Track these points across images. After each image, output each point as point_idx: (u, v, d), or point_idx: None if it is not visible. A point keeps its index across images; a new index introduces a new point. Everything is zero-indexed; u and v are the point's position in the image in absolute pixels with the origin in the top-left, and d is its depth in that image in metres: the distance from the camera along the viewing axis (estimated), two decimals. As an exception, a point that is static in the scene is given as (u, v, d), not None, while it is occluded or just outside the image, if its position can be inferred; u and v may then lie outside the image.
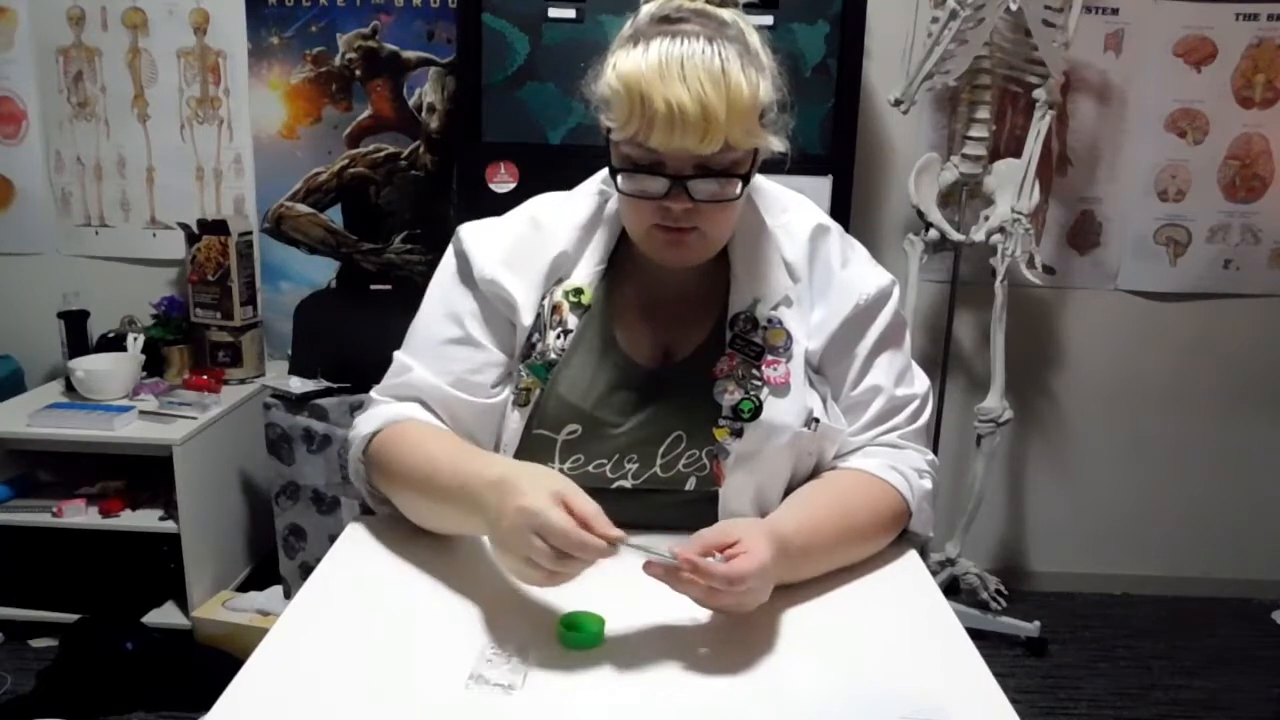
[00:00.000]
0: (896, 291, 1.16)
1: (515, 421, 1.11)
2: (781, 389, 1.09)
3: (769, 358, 1.09)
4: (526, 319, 1.11)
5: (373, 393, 1.18)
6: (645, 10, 1.03)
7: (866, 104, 2.56)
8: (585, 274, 1.13)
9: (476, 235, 1.14)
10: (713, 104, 0.94)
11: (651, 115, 0.95)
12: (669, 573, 0.90)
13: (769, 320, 1.11)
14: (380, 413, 1.13)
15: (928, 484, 1.14)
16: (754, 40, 1.02)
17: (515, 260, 1.12)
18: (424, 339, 1.15)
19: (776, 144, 1.04)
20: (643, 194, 1.01)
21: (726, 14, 1.02)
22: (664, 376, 1.12)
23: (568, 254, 1.13)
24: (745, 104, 0.96)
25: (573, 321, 1.11)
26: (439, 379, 1.11)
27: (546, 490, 0.89)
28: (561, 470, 1.10)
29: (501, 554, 0.93)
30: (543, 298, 1.12)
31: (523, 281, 1.12)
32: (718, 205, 1.01)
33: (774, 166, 1.11)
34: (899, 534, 1.13)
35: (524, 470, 0.96)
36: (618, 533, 0.88)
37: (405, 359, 1.15)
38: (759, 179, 1.16)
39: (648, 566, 0.90)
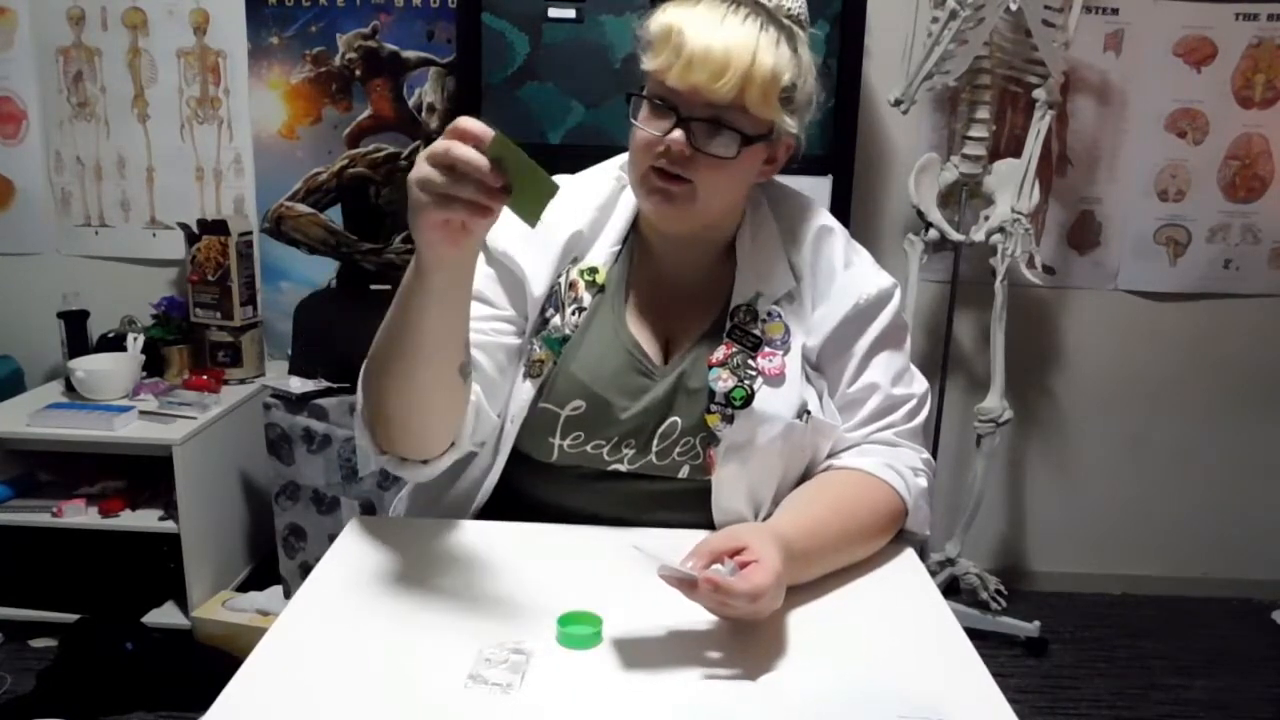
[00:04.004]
0: (898, 295, 1.18)
1: (526, 392, 1.11)
2: (776, 380, 1.10)
3: (765, 349, 1.11)
4: (537, 290, 1.13)
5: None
6: None
7: (866, 104, 2.56)
8: (600, 254, 1.15)
9: None
10: (738, 52, 1.00)
11: (679, 48, 1.01)
12: (683, 583, 0.89)
13: (769, 314, 1.13)
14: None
15: (923, 482, 1.15)
16: (801, 37, 1.07)
17: (529, 237, 1.12)
18: None
19: (790, 124, 1.08)
20: (650, 127, 1.04)
21: (773, 5, 1.06)
22: (665, 367, 1.13)
23: (583, 233, 1.15)
24: (767, 67, 1.01)
25: (587, 300, 1.13)
26: None
27: None
28: (561, 446, 1.11)
29: (410, 216, 0.89)
30: (558, 275, 1.14)
31: (536, 256, 1.14)
32: (712, 162, 1.04)
33: (795, 146, 1.13)
34: (896, 533, 1.13)
35: None
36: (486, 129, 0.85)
37: None
38: (771, 179, 1.17)
39: (663, 575, 0.89)
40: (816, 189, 2.28)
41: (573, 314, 1.13)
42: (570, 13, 2.26)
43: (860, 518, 1.08)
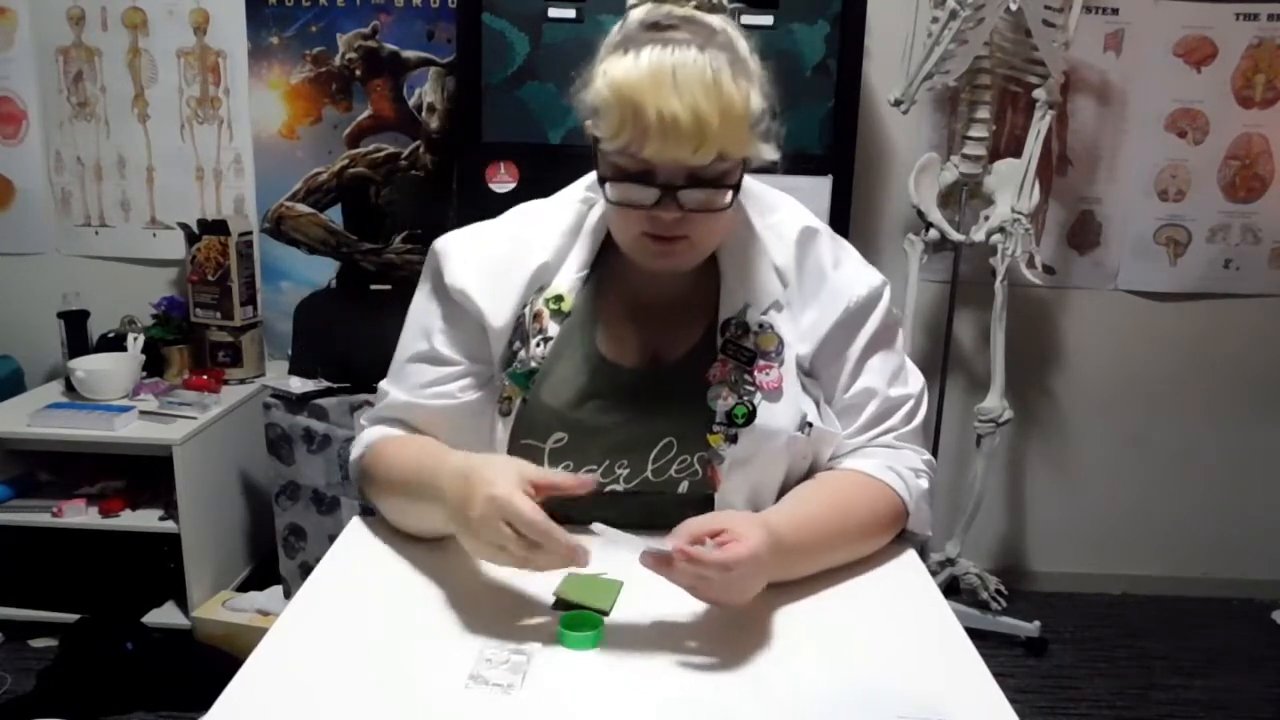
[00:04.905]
0: (887, 292, 1.15)
1: (500, 431, 1.11)
2: (774, 394, 1.08)
3: (761, 363, 1.09)
4: (497, 322, 1.11)
5: (362, 419, 1.21)
6: (634, 16, 1.02)
7: (866, 104, 2.56)
8: (566, 281, 1.12)
9: (450, 247, 1.14)
10: (706, 115, 0.94)
11: (644, 126, 0.94)
12: (659, 562, 0.90)
13: (760, 325, 1.10)
14: (361, 438, 1.17)
15: (924, 483, 1.14)
16: (743, 47, 1.01)
17: (490, 271, 1.12)
18: (397, 358, 1.18)
19: (768, 152, 1.04)
20: (632, 203, 1.01)
21: (715, 21, 1.01)
22: (652, 379, 1.11)
23: (549, 264, 1.13)
24: (738, 114, 0.96)
25: (553, 329, 1.10)
26: (408, 395, 1.14)
27: (514, 477, 0.92)
28: None
29: (470, 540, 0.95)
30: (523, 306, 1.12)
31: (497, 291, 1.11)
32: (708, 214, 1.01)
33: (773, 167, 1.10)
34: (898, 534, 1.13)
35: (487, 459, 0.99)
36: (577, 539, 0.91)
37: (384, 385, 1.19)
38: (747, 180, 1.14)
39: (643, 558, 0.91)
40: (816, 189, 2.28)
41: (538, 345, 1.10)
42: (570, 13, 2.26)
43: (857, 517, 1.08)
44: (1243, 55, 2.72)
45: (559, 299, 1.11)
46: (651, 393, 1.10)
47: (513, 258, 1.13)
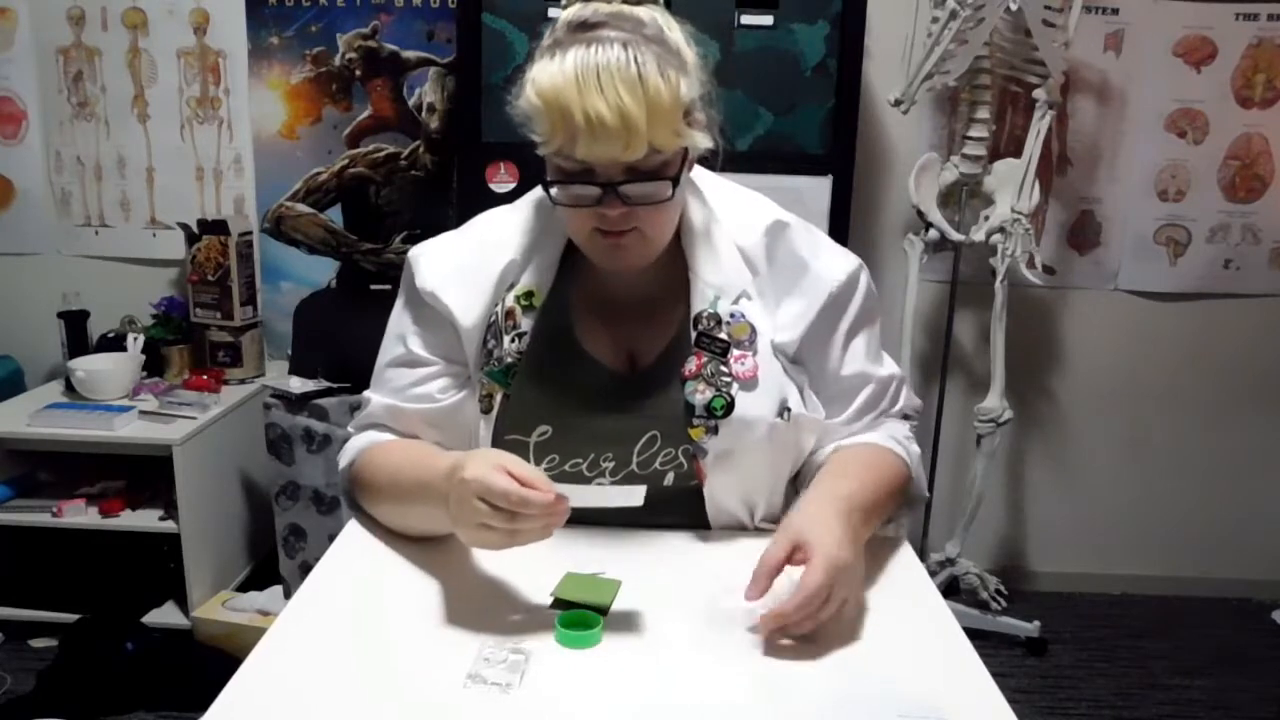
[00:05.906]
0: (865, 273, 1.17)
1: (484, 430, 1.12)
2: (750, 383, 1.09)
3: (735, 352, 1.10)
4: (468, 321, 1.12)
5: (349, 428, 1.23)
6: (563, 17, 1.03)
7: (866, 104, 2.56)
8: (535, 277, 1.13)
9: (422, 254, 1.16)
10: (631, 112, 0.95)
11: (573, 129, 0.96)
12: (777, 620, 0.92)
13: (732, 315, 1.11)
14: (349, 447, 1.19)
15: (916, 448, 1.19)
16: (675, 37, 1.02)
17: (459, 272, 1.13)
18: (378, 365, 1.20)
19: (703, 141, 1.05)
20: (576, 203, 1.02)
21: (644, 12, 1.02)
22: (633, 380, 1.12)
23: (516, 261, 1.14)
24: (665, 107, 0.97)
25: (526, 324, 1.12)
26: (390, 399, 1.16)
27: (486, 460, 0.93)
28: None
29: (458, 529, 0.95)
30: (494, 304, 1.13)
31: (466, 292, 1.13)
32: (653, 206, 1.02)
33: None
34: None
35: (469, 453, 1.00)
36: (560, 488, 0.91)
37: (367, 393, 1.20)
38: (711, 176, 1.17)
39: (759, 627, 0.93)
40: (816, 189, 2.28)
41: (512, 341, 1.11)
42: (570, 13, 2.26)
43: (890, 484, 1.12)
44: (1243, 55, 2.72)
45: (530, 294, 1.13)
46: (631, 391, 1.12)
47: (480, 258, 1.14)
